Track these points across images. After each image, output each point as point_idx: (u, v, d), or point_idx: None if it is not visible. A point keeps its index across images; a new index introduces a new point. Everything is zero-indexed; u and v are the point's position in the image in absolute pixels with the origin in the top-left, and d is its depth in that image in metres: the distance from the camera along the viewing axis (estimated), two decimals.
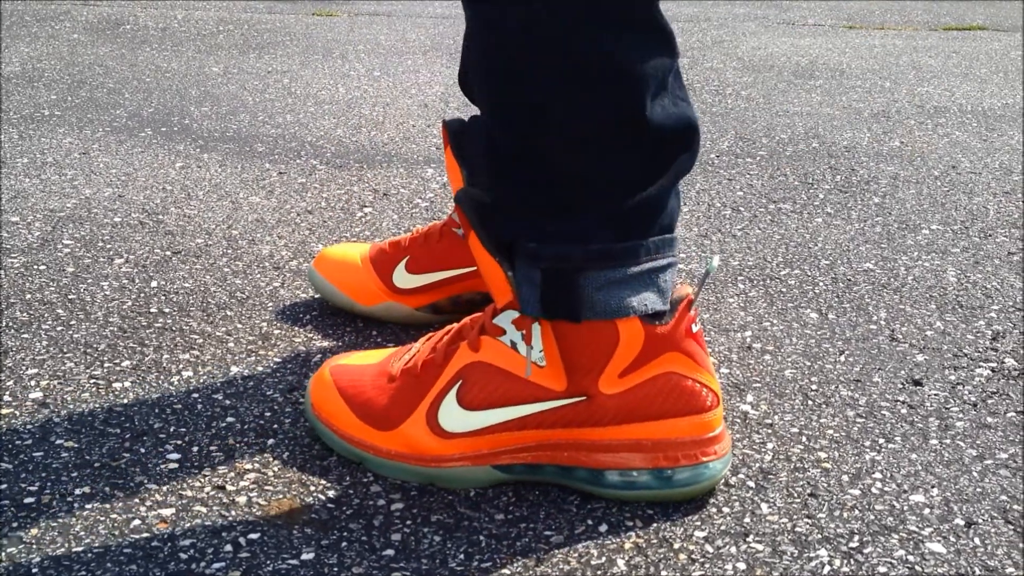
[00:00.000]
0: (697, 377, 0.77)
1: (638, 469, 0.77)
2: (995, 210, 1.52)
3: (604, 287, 0.74)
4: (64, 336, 1.05)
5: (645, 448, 0.77)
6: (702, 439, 0.78)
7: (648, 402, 0.76)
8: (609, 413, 0.77)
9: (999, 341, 1.08)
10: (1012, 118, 2.11)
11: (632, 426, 0.77)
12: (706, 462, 0.78)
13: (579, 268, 0.74)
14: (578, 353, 0.76)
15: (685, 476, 0.77)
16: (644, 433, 0.77)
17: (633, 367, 0.76)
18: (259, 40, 2.82)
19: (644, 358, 0.76)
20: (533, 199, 0.74)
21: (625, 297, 0.74)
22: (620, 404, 0.76)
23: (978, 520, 0.78)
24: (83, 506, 0.78)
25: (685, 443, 0.77)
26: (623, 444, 0.77)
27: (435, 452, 0.80)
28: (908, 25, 3.44)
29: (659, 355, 0.76)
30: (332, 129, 1.91)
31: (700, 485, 0.78)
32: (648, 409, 0.76)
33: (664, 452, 0.77)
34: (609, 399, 0.76)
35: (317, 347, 1.04)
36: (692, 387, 0.77)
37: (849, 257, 1.32)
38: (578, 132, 0.72)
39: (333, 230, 1.37)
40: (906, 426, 0.91)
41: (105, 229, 1.36)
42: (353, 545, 0.74)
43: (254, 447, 0.86)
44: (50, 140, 1.79)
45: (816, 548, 0.74)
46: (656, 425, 0.77)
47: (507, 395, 0.78)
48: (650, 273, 0.75)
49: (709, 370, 0.78)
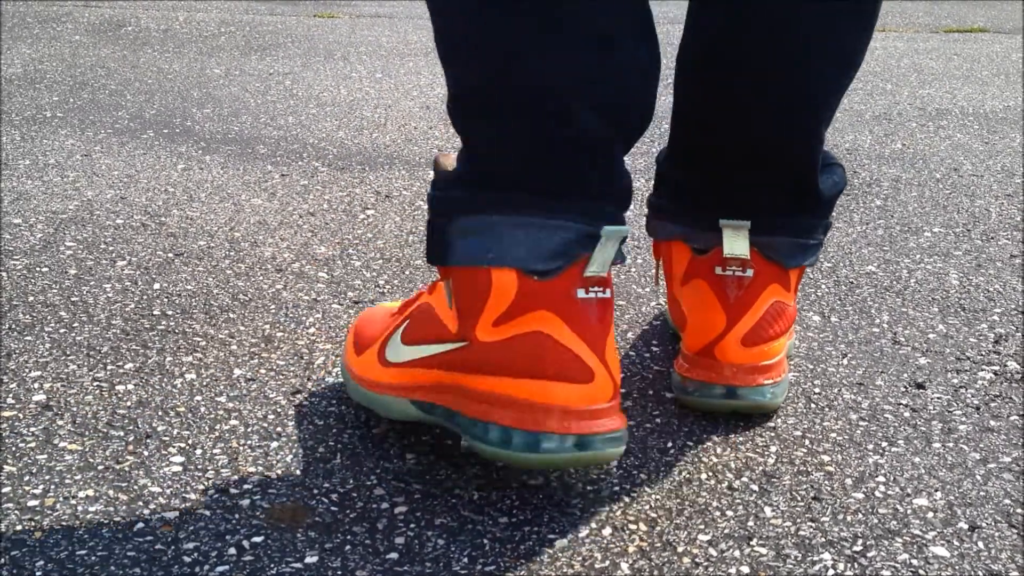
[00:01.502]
0: (570, 345, 0.74)
1: (500, 425, 0.75)
2: (997, 213, 1.52)
3: (464, 234, 0.75)
4: (67, 338, 1.05)
5: (507, 404, 0.75)
6: (551, 407, 0.74)
7: (518, 357, 0.75)
8: (483, 361, 0.76)
9: (1002, 344, 1.09)
10: (1014, 120, 2.11)
11: (502, 379, 0.75)
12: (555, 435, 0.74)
13: (445, 215, 0.77)
14: (462, 297, 0.77)
15: (550, 445, 0.73)
16: (511, 389, 0.75)
17: (505, 318, 0.75)
18: (261, 42, 2.82)
19: (515, 311, 0.75)
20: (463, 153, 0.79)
21: (488, 247, 0.75)
22: (492, 354, 0.76)
23: (982, 524, 0.78)
24: (86, 509, 0.78)
25: (536, 407, 0.74)
26: (490, 396, 0.76)
27: (375, 378, 0.86)
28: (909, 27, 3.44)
29: (531, 311, 0.74)
30: (334, 131, 1.92)
31: (546, 456, 0.74)
32: (518, 364, 0.75)
33: (525, 414, 0.74)
34: (483, 347, 0.76)
35: (320, 349, 1.04)
36: (563, 353, 0.74)
37: (851, 260, 1.32)
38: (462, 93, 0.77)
39: (335, 232, 1.38)
40: (909, 429, 0.91)
41: (107, 231, 1.36)
42: (357, 548, 0.74)
43: (257, 450, 0.86)
44: (52, 142, 1.79)
45: (820, 552, 0.74)
46: (522, 383, 0.74)
47: (427, 334, 0.82)
48: (526, 228, 0.74)
49: (590, 344, 0.75)
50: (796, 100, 0.88)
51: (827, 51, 0.87)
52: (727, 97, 0.89)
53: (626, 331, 1.10)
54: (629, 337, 1.08)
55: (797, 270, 0.94)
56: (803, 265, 0.94)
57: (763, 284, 0.91)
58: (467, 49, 0.76)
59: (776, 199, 0.91)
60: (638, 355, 1.05)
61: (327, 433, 0.89)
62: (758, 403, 0.91)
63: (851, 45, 0.88)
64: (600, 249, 0.75)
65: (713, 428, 0.91)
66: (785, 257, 0.91)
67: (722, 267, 0.91)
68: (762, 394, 0.90)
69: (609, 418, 0.76)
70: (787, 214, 0.91)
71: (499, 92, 0.74)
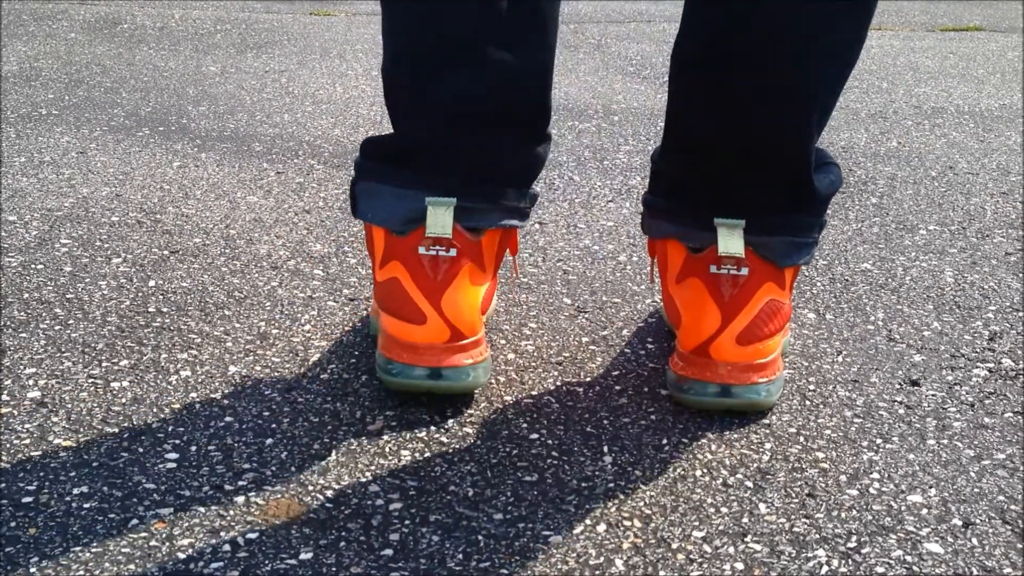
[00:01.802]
0: (409, 291, 0.90)
1: (380, 353, 0.92)
2: (992, 211, 1.52)
3: (360, 196, 0.93)
4: (62, 335, 1.05)
5: (383, 334, 0.92)
6: (399, 341, 0.90)
7: (385, 296, 0.92)
8: (377, 295, 0.94)
9: (996, 341, 1.09)
10: (1009, 119, 2.12)
11: (383, 314, 0.93)
12: (398, 363, 0.90)
13: (357, 179, 0.94)
14: (368, 245, 0.96)
15: (392, 368, 0.90)
16: (385, 322, 0.92)
17: (382, 263, 0.92)
18: (257, 39, 2.82)
19: (385, 259, 0.92)
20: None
21: (371, 206, 0.92)
22: (378, 291, 0.93)
23: (976, 520, 0.78)
24: (81, 506, 0.78)
25: (395, 340, 0.91)
26: (380, 327, 0.94)
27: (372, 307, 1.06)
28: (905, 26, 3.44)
29: (391, 260, 0.91)
30: (330, 129, 1.91)
31: (386, 379, 0.91)
32: (386, 302, 0.92)
33: (389, 343, 0.91)
34: (377, 285, 0.94)
35: (315, 346, 1.04)
36: (405, 297, 0.90)
37: (847, 257, 1.32)
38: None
39: (331, 230, 1.38)
40: (904, 426, 0.91)
41: (103, 228, 1.36)
42: (351, 545, 0.74)
43: (252, 447, 0.86)
44: (47, 139, 1.79)
45: (814, 548, 0.75)
46: (388, 319, 0.92)
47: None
48: (387, 195, 0.91)
49: (424, 292, 0.90)
50: (796, 99, 0.88)
51: (827, 50, 0.87)
52: (726, 96, 0.89)
53: (621, 328, 1.10)
54: (624, 334, 1.09)
55: (792, 268, 0.94)
56: (798, 264, 0.94)
57: (758, 283, 0.91)
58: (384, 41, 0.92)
59: (773, 198, 0.91)
60: (633, 352, 1.05)
61: (322, 430, 0.89)
62: (752, 401, 0.91)
63: (849, 43, 0.88)
64: (431, 215, 0.89)
65: (708, 425, 0.91)
66: (780, 256, 0.92)
67: (717, 266, 0.91)
68: (757, 392, 0.91)
69: (459, 354, 0.90)
70: (783, 213, 0.92)
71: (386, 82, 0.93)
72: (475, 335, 0.92)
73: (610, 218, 1.44)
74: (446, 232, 0.89)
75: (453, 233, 0.90)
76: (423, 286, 0.90)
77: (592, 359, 1.03)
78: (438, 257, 0.90)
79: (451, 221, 0.90)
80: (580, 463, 0.85)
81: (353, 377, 0.98)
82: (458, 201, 0.90)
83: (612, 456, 0.86)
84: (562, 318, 1.13)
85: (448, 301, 0.90)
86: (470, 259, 0.91)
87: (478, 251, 0.92)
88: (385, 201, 0.92)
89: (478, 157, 0.91)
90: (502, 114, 0.90)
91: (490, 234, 0.94)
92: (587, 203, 1.52)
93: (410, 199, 0.90)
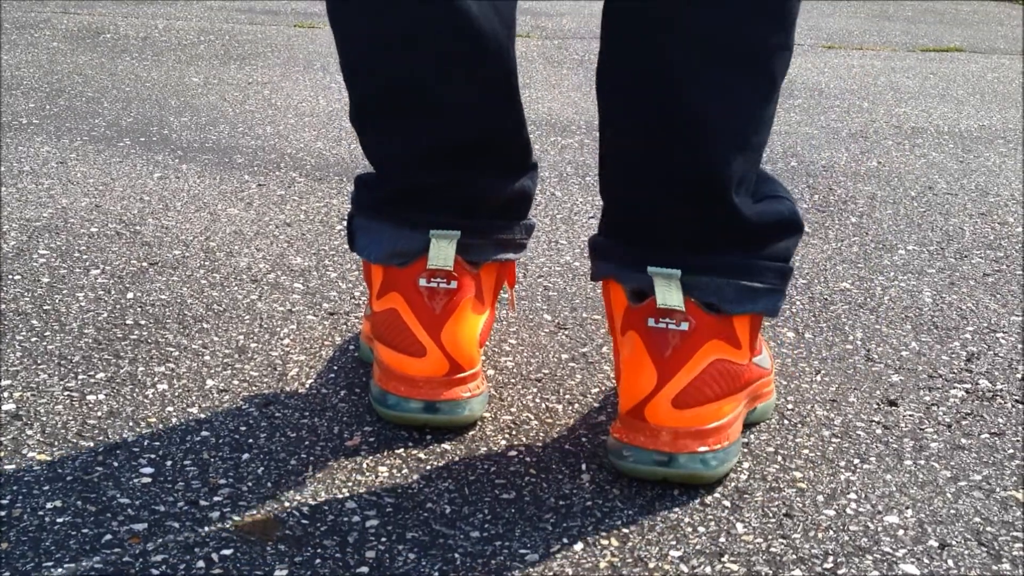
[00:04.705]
0: (408, 323, 0.90)
1: (374, 381, 0.93)
2: (971, 231, 1.53)
3: (357, 230, 0.94)
4: (38, 347, 1.04)
5: (379, 364, 0.92)
6: (396, 373, 0.90)
7: (383, 327, 0.92)
8: (373, 325, 0.94)
9: (974, 362, 1.09)
10: (988, 140, 2.13)
11: (379, 344, 0.93)
12: (394, 396, 0.90)
13: (354, 215, 0.95)
14: (365, 276, 0.96)
15: (389, 400, 0.90)
16: (381, 353, 0.92)
17: (380, 294, 0.92)
18: (240, 51, 2.81)
19: (382, 290, 0.92)
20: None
21: (369, 242, 0.93)
22: (375, 320, 0.93)
23: (952, 542, 0.78)
24: (54, 520, 0.77)
25: (389, 371, 0.91)
26: (376, 357, 0.94)
27: (363, 328, 1.04)
28: (886, 46, 3.47)
29: (390, 291, 0.91)
30: (312, 141, 1.91)
31: (382, 411, 0.91)
32: (383, 333, 0.92)
33: (385, 375, 0.91)
34: (374, 315, 0.93)
35: (294, 360, 1.04)
36: (403, 329, 0.90)
37: (826, 276, 1.33)
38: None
39: (311, 243, 1.37)
40: (881, 447, 0.92)
41: (81, 239, 1.35)
42: (327, 562, 0.73)
43: (228, 461, 0.86)
44: (27, 148, 1.78)
45: (791, 568, 0.75)
46: (385, 350, 0.91)
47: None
48: (383, 232, 0.92)
49: (424, 325, 0.89)
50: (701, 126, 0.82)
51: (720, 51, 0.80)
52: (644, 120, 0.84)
53: (600, 345, 1.10)
54: (604, 351, 1.08)
55: (746, 320, 0.86)
56: (753, 313, 0.85)
57: (701, 339, 0.83)
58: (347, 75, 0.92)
59: (702, 231, 0.84)
60: (612, 369, 1.05)
61: (299, 445, 0.89)
62: (693, 473, 0.82)
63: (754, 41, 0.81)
64: (434, 248, 0.89)
65: None
66: (727, 303, 0.83)
67: (655, 319, 0.83)
68: (698, 462, 0.82)
69: (457, 387, 0.90)
70: (717, 251, 0.84)
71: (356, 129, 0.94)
72: (473, 368, 0.91)
73: (591, 234, 1.44)
74: (448, 264, 0.89)
75: (454, 265, 0.89)
76: (423, 318, 0.89)
77: (571, 376, 1.03)
78: (438, 289, 0.90)
79: (453, 253, 0.89)
80: (558, 481, 0.85)
81: (331, 392, 0.98)
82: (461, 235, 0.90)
83: (590, 474, 0.86)
84: (542, 334, 1.13)
85: (448, 334, 0.90)
86: (469, 291, 0.91)
87: (477, 283, 0.92)
88: (384, 236, 0.91)
89: (462, 194, 0.91)
90: (472, 151, 0.90)
91: (487, 267, 0.93)
92: (568, 219, 1.52)
93: (409, 234, 0.90)
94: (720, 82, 0.81)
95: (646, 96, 0.83)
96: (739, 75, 0.81)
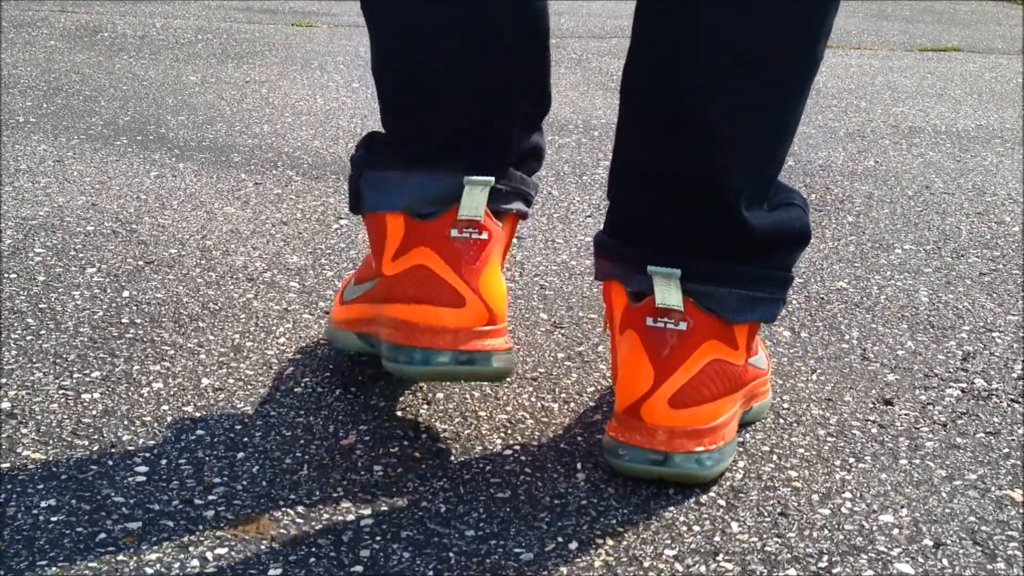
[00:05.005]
0: (444, 276, 0.87)
1: (400, 344, 0.88)
2: (967, 230, 1.53)
3: (369, 186, 0.91)
4: (33, 346, 1.04)
5: (403, 326, 0.88)
6: (421, 327, 0.87)
7: (408, 286, 0.88)
8: (388, 291, 0.90)
9: (969, 362, 1.09)
10: (985, 139, 2.13)
11: (399, 305, 0.89)
12: (429, 349, 0.86)
13: (357, 171, 0.92)
14: (373, 239, 0.93)
15: (415, 356, 0.87)
16: (406, 313, 0.88)
17: (399, 253, 0.89)
18: (238, 50, 2.81)
19: (404, 247, 0.89)
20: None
21: (386, 194, 0.90)
22: (392, 284, 0.90)
23: (946, 541, 0.78)
24: (48, 519, 0.77)
25: (414, 326, 0.87)
26: (394, 321, 0.89)
27: (335, 316, 1.01)
28: (884, 45, 3.47)
29: (416, 247, 0.88)
30: (309, 140, 1.91)
31: (413, 368, 0.87)
32: (409, 292, 0.88)
33: (416, 333, 0.87)
34: (387, 279, 0.90)
35: (289, 359, 1.04)
36: (439, 282, 0.87)
37: (822, 276, 1.33)
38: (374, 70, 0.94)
39: (308, 242, 1.37)
40: (876, 446, 0.92)
41: (78, 238, 1.35)
42: (321, 561, 0.73)
43: (223, 460, 0.86)
44: (24, 147, 1.77)
45: (786, 567, 0.75)
46: (412, 308, 0.88)
47: (363, 274, 0.98)
48: (410, 180, 0.89)
49: (461, 275, 0.87)
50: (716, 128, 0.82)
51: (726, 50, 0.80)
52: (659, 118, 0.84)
53: (597, 344, 1.10)
54: (600, 350, 1.08)
55: (745, 326, 0.86)
56: (754, 321, 0.86)
57: (699, 339, 0.83)
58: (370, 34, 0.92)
59: (706, 238, 0.84)
60: (608, 368, 1.05)
61: (294, 444, 0.89)
62: (689, 472, 0.82)
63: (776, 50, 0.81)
64: (467, 195, 0.87)
65: None
66: (728, 311, 0.84)
67: (654, 318, 0.83)
68: (694, 462, 0.82)
69: (491, 339, 0.88)
70: (721, 260, 0.84)
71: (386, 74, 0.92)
72: (505, 321, 0.90)
73: (588, 233, 1.45)
74: (479, 214, 0.87)
75: (483, 216, 0.88)
76: (460, 269, 0.87)
77: (567, 375, 1.03)
78: (470, 240, 0.88)
79: (484, 203, 0.88)
80: (553, 480, 0.85)
81: (327, 391, 0.98)
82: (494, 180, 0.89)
83: (585, 473, 0.86)
84: (538, 333, 1.12)
85: (484, 284, 0.88)
86: (497, 242, 0.90)
87: (500, 236, 0.91)
88: (409, 184, 0.89)
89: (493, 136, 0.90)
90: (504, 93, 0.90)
91: (507, 218, 0.92)
92: (565, 218, 1.52)
93: (442, 179, 0.88)
94: (735, 88, 0.81)
95: (660, 97, 0.83)
96: (757, 83, 0.81)
